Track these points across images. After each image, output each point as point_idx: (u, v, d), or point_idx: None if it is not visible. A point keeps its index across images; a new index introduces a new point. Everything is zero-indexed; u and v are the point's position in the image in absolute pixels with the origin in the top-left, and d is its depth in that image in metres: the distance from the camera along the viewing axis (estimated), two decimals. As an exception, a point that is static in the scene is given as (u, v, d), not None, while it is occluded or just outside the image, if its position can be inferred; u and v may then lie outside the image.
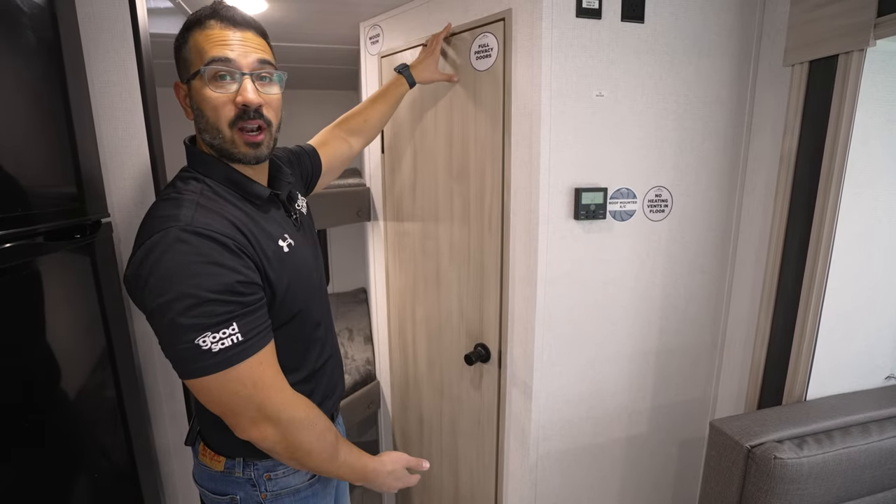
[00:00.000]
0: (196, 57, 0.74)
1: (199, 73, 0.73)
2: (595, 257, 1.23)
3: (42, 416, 0.76)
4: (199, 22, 0.74)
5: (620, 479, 1.43)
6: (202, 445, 0.88)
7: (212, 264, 0.66)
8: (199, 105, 0.75)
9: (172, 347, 0.67)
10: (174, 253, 0.65)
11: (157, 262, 0.65)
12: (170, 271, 0.65)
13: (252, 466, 0.84)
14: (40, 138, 0.80)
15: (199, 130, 0.78)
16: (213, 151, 0.78)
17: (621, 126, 1.18)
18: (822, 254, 1.10)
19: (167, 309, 0.64)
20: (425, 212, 1.53)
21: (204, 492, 0.89)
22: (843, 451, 1.02)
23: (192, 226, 0.67)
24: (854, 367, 1.23)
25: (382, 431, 1.97)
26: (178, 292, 0.64)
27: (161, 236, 0.66)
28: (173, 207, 0.70)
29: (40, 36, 0.79)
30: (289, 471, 0.86)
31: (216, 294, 0.66)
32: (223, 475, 0.85)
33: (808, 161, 1.12)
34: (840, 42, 1.01)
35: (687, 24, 1.17)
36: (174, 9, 1.46)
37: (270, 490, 0.85)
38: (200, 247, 0.66)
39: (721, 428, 1.09)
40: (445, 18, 1.31)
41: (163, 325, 0.66)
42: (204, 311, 0.65)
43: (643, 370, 1.36)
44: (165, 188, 0.78)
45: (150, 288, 0.65)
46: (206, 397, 0.71)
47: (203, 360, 0.66)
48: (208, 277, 0.65)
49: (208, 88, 0.73)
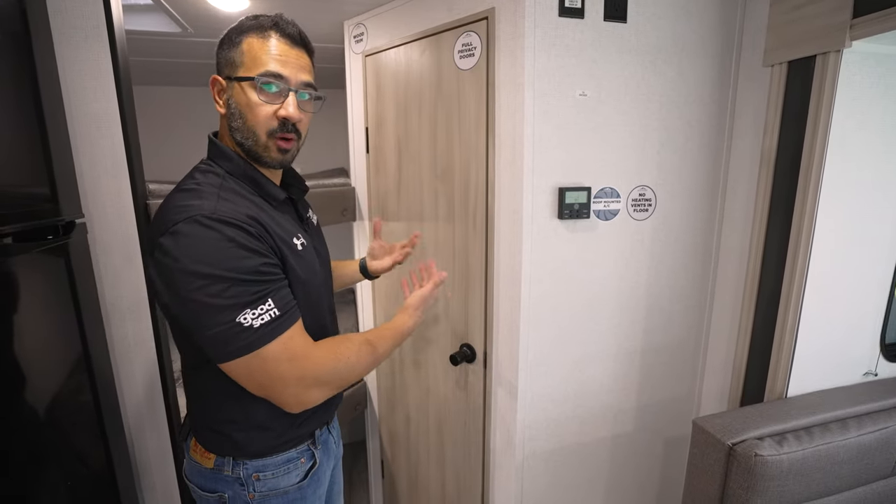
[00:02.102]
0: (250, 62, 0.77)
1: (251, 80, 0.76)
2: (579, 257, 1.23)
3: (13, 422, 0.74)
4: (260, 29, 0.77)
5: (606, 478, 1.44)
6: (193, 441, 0.88)
7: (239, 247, 0.69)
8: (241, 107, 0.78)
9: (212, 329, 0.68)
10: (203, 239, 0.67)
11: (187, 248, 0.67)
12: (201, 256, 0.67)
13: (241, 466, 0.84)
14: (9, 137, 0.77)
15: (230, 128, 0.80)
16: (240, 150, 0.81)
17: (605, 125, 1.18)
18: (801, 252, 1.11)
19: (203, 292, 0.66)
20: (410, 212, 1.52)
21: (194, 488, 0.88)
22: (823, 447, 1.03)
23: (216, 214, 0.69)
24: (833, 364, 1.24)
25: (369, 432, 1.96)
26: (212, 275, 0.66)
27: (187, 223, 0.68)
28: (195, 197, 0.72)
29: (7, 31, 0.77)
30: (278, 472, 0.86)
31: (248, 275, 0.69)
32: (213, 472, 0.85)
33: (788, 160, 1.13)
34: (817, 43, 1.02)
35: (669, 24, 1.18)
36: (153, 5, 1.44)
37: (258, 490, 0.85)
38: (226, 231, 0.68)
39: (703, 426, 1.10)
40: (429, 17, 1.30)
41: (200, 309, 0.67)
42: (240, 291, 0.68)
43: (628, 369, 1.37)
44: (184, 179, 0.79)
45: (182, 274, 0.67)
46: (247, 377, 0.72)
47: (246, 336, 0.68)
48: (238, 260, 0.68)
49: (256, 96, 0.76)
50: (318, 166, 2.09)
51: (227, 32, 0.79)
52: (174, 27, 1.59)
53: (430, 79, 1.34)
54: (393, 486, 1.92)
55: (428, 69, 1.34)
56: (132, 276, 1.04)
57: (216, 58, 0.80)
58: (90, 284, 0.97)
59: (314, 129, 0.92)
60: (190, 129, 2.36)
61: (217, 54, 0.80)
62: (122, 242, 1.02)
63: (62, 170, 0.89)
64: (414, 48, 1.37)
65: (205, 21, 1.54)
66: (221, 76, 0.79)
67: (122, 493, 1.02)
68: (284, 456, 0.86)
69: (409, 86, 1.41)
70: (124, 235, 1.02)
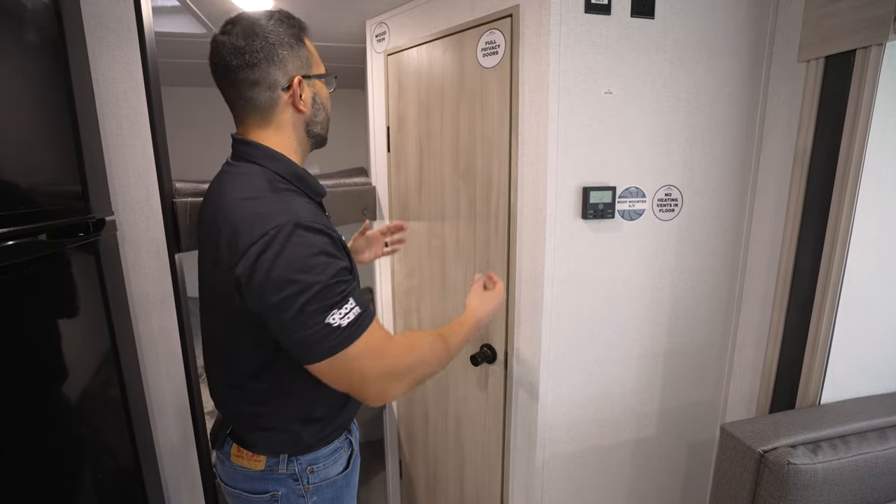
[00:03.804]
0: (316, 62, 0.87)
1: (332, 76, 0.88)
2: (603, 257, 1.21)
3: (46, 415, 0.76)
4: (303, 28, 0.86)
5: (628, 483, 1.41)
6: (236, 447, 0.89)
7: (324, 254, 0.72)
8: (324, 101, 0.89)
9: (303, 332, 0.71)
10: (291, 246, 0.70)
11: (277, 256, 0.70)
12: (291, 264, 0.70)
13: (295, 462, 0.88)
14: (44, 136, 0.79)
15: (312, 122, 0.87)
16: (311, 141, 0.89)
17: (630, 124, 1.16)
18: (837, 254, 1.07)
19: (295, 299, 0.69)
20: (431, 211, 1.51)
21: (238, 493, 0.90)
22: (860, 457, 0.99)
23: (301, 221, 0.72)
24: (871, 371, 1.19)
25: (388, 432, 1.96)
26: (303, 282, 0.70)
27: (275, 233, 0.70)
28: (273, 203, 0.75)
29: (45, 34, 0.79)
30: (328, 462, 0.91)
31: (333, 279, 0.72)
32: (263, 474, 0.88)
33: (824, 160, 1.09)
34: (857, 37, 0.98)
35: (698, 19, 1.15)
36: (180, 7, 1.46)
37: (312, 482, 0.89)
38: (312, 239, 0.72)
39: (732, 432, 1.07)
40: (452, 15, 1.29)
41: (291, 314, 0.70)
42: (327, 294, 0.71)
43: (652, 372, 1.34)
44: (238, 183, 0.80)
45: (276, 282, 0.70)
46: (334, 376, 0.75)
47: (335, 336, 0.71)
48: (324, 266, 0.72)
49: (328, 91, 0.89)
50: (336, 167, 2.10)
51: (277, 30, 0.80)
52: (200, 28, 1.62)
53: (452, 77, 1.33)
54: (411, 486, 1.92)
55: (450, 68, 1.33)
56: (158, 272, 1.06)
57: (278, 60, 0.81)
58: (119, 280, 0.98)
59: (333, 130, 0.95)
60: (212, 129, 2.41)
61: (278, 57, 0.80)
62: (150, 240, 1.04)
63: (93, 168, 0.90)
64: (437, 46, 1.37)
65: (230, 22, 1.56)
66: (296, 75, 0.82)
67: (148, 486, 1.03)
68: (331, 447, 0.91)
69: (431, 84, 1.40)
70: (152, 233, 1.04)
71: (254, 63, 0.79)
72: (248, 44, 0.78)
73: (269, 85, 0.81)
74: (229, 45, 0.79)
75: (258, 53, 0.79)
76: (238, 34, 0.79)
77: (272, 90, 0.81)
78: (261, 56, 0.79)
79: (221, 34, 0.81)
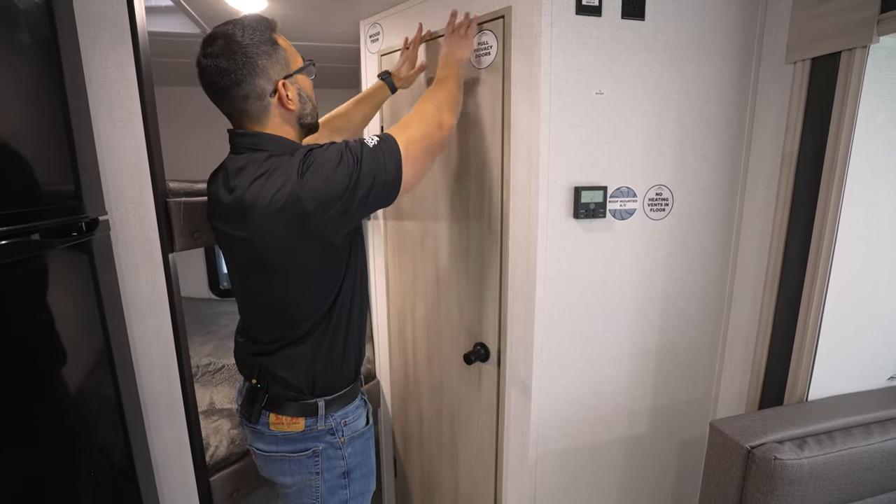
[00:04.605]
0: (292, 56, 0.92)
1: (310, 65, 0.95)
2: (595, 256, 1.22)
3: (39, 415, 0.76)
4: (272, 26, 0.90)
5: (620, 479, 1.43)
6: (274, 416, 1.00)
7: (341, 155, 0.87)
8: (308, 93, 0.95)
9: (369, 177, 0.86)
10: (315, 156, 0.85)
11: (310, 167, 0.84)
12: (319, 168, 0.84)
13: (331, 417, 1.01)
14: (37, 136, 0.79)
15: (302, 115, 0.94)
16: (303, 130, 0.97)
17: (621, 124, 1.17)
18: (823, 253, 1.09)
19: (349, 179, 0.84)
20: (425, 210, 1.52)
21: (280, 455, 1.01)
22: (845, 452, 1.01)
23: (311, 147, 0.87)
24: (856, 368, 1.22)
25: (382, 431, 1.97)
26: (344, 168, 0.84)
27: (296, 154, 0.86)
28: (286, 161, 0.86)
29: (37, 34, 0.79)
30: (356, 415, 1.06)
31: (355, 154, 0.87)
32: (303, 434, 1.00)
33: (811, 160, 1.11)
34: (843, 39, 1.00)
35: (688, 21, 1.16)
36: (174, 7, 1.46)
37: (346, 434, 1.03)
38: (327, 154, 0.86)
39: (721, 428, 1.08)
40: (445, 17, 1.30)
41: (347, 188, 0.84)
42: (356, 158, 0.86)
43: (643, 370, 1.35)
44: (252, 166, 0.88)
45: (328, 186, 0.83)
46: (420, 157, 0.94)
47: (381, 148, 0.89)
48: (346, 158, 0.86)
49: (308, 80, 0.96)
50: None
51: (252, 42, 0.86)
52: (193, 28, 1.62)
53: (445, 78, 1.34)
54: (406, 484, 1.93)
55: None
56: (152, 272, 1.06)
57: (260, 70, 0.87)
58: (112, 280, 0.99)
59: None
60: (205, 128, 2.40)
61: (259, 67, 0.86)
62: (143, 239, 1.04)
63: (86, 168, 0.91)
64: (430, 47, 1.37)
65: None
66: (278, 79, 0.88)
67: (142, 486, 1.04)
68: (355, 403, 1.07)
69: (424, 84, 1.41)
70: (145, 233, 1.04)
71: (240, 80, 0.85)
72: (231, 63, 0.84)
73: (258, 95, 0.88)
74: (213, 68, 0.85)
75: (241, 70, 0.85)
76: (219, 55, 0.84)
77: (261, 99, 0.88)
78: (244, 72, 0.85)
79: (204, 57, 0.87)
